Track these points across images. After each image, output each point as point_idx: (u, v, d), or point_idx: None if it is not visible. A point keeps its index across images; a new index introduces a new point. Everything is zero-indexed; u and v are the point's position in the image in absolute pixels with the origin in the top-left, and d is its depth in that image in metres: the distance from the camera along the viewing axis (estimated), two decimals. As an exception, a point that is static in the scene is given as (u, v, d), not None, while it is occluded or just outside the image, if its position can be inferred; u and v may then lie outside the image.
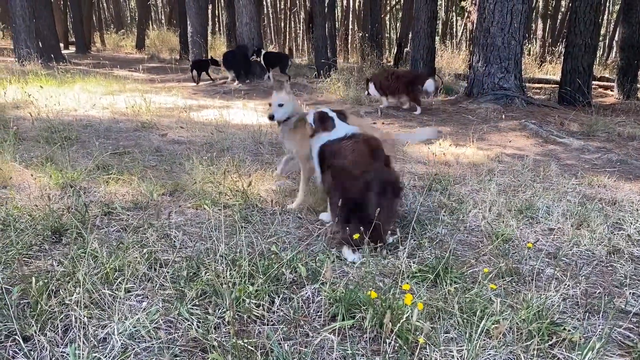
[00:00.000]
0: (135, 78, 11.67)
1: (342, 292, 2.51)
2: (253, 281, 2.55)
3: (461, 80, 13.93)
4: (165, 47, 23.65)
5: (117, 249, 2.84)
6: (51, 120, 6.18)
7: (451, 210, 3.92)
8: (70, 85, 9.60)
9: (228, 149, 5.64)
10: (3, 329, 2.11)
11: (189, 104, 8.84)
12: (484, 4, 8.94)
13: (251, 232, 3.27)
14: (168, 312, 2.33)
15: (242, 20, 12.63)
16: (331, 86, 11.10)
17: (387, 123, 7.81)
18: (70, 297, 2.32)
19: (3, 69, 11.90)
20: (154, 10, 40.99)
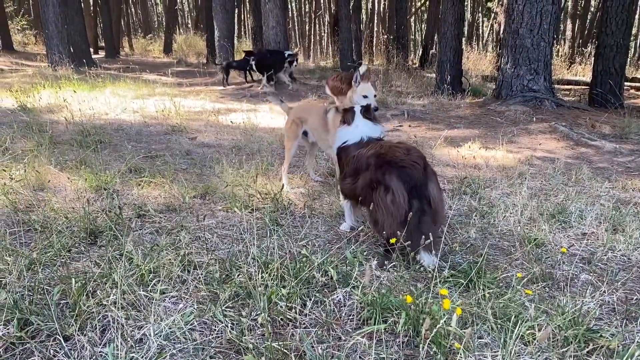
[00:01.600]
0: (164, 82, 11.84)
1: (374, 296, 2.51)
2: (284, 284, 2.57)
3: (488, 82, 13.78)
4: (192, 51, 23.96)
5: (152, 251, 2.89)
6: (84, 124, 6.32)
7: (482, 214, 3.89)
8: (101, 90, 9.80)
9: (256, 152, 5.68)
10: (44, 329, 2.17)
11: (217, 107, 8.94)
12: (512, 5, 8.83)
13: (281, 235, 3.29)
14: (202, 313, 2.36)
15: (269, 24, 12.71)
16: (357, 89, 11.09)
17: (413, 125, 7.77)
18: (107, 298, 2.37)
19: (37, 74, 12.22)
20: (181, 15, 41.58)
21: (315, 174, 4.86)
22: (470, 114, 8.78)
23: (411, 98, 10.23)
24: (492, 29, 30.12)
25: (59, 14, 14.68)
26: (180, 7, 39.95)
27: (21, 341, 2.12)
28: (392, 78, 12.50)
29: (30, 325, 2.19)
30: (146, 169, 4.68)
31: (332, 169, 5.00)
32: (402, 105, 9.43)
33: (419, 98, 10.34)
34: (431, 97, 10.36)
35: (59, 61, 13.98)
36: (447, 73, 10.72)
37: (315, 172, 4.91)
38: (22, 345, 2.10)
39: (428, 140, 6.55)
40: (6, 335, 2.11)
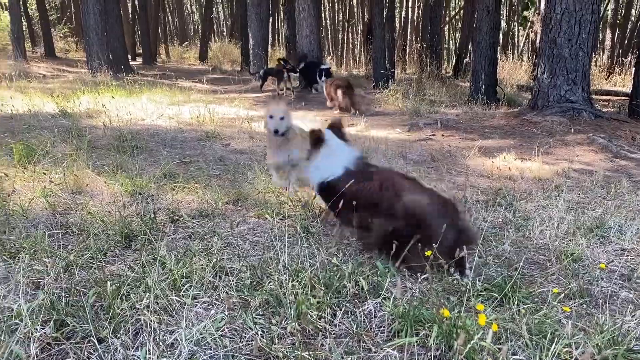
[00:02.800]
0: (199, 89, 12.05)
1: (405, 308, 2.48)
2: (314, 293, 2.56)
3: (524, 91, 13.54)
4: (226, 59, 24.31)
5: (184, 256, 2.92)
6: (121, 129, 6.47)
7: (517, 227, 3.81)
8: (138, 96, 10.02)
9: (288, 160, 5.69)
10: (80, 330, 2.21)
11: (250, 114, 9.03)
12: (550, 14, 8.67)
13: (312, 243, 3.29)
14: (233, 320, 2.37)
15: (303, 32, 12.81)
16: (389, 97, 11.06)
17: (447, 135, 7.69)
18: (141, 301, 2.41)
19: (77, 80, 12.59)
20: (216, 24, 42.30)
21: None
22: (505, 124, 8.64)
23: (444, 107, 10.13)
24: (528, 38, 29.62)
25: (100, 22, 15.11)
26: (215, 16, 40.63)
27: (57, 342, 2.17)
28: (425, 87, 12.41)
29: (66, 326, 2.24)
30: (180, 175, 4.75)
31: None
32: (435, 114, 9.35)
33: (453, 107, 10.24)
34: (465, 106, 10.24)
35: (98, 67, 14.36)
36: (482, 82, 10.58)
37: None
38: (58, 346, 2.15)
39: (461, 150, 6.47)
40: (43, 336, 2.16)
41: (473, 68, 11.21)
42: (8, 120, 6.97)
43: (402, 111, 9.90)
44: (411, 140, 7.10)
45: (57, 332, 2.18)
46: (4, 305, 2.33)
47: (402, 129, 8.18)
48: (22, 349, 2.00)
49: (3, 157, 4.97)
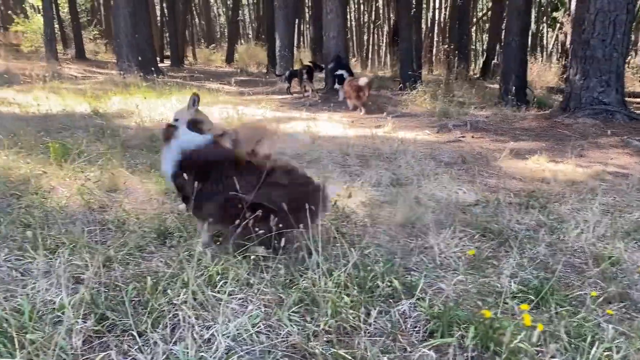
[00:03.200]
0: (227, 91, 12.16)
1: (440, 308, 2.46)
2: (348, 292, 2.56)
3: (554, 93, 13.32)
4: (253, 61, 24.48)
5: (219, 253, 2.96)
6: (152, 129, 6.57)
7: (551, 230, 3.75)
8: (167, 97, 10.16)
9: (316, 160, 5.71)
10: (120, 324, 2.25)
11: (277, 115, 9.08)
12: (583, 15, 8.51)
13: (344, 243, 3.29)
14: (268, 317, 2.39)
15: (329, 34, 12.81)
16: (417, 98, 11.00)
17: (477, 136, 7.61)
18: (178, 297, 2.44)
19: (108, 81, 12.84)
20: (242, 26, 42.67)
21: None
22: (536, 126, 8.51)
23: (474, 109, 10.03)
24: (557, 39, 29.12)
25: (129, 24, 15.37)
26: (242, 19, 41.01)
27: (98, 335, 2.21)
28: (453, 88, 12.30)
29: (106, 320, 2.29)
30: (211, 174, 4.79)
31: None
32: (465, 116, 9.26)
33: (482, 109, 10.13)
34: (494, 108, 10.12)
35: (127, 69, 14.60)
36: (512, 84, 10.44)
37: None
38: (99, 338, 2.20)
39: (492, 152, 6.40)
40: (84, 329, 2.21)
41: (502, 70, 11.08)
42: (43, 120, 7.14)
43: (430, 112, 9.83)
44: (440, 141, 7.04)
45: (99, 325, 2.22)
46: (47, 299, 2.39)
47: (430, 130, 8.13)
48: (66, 341, 2.05)
49: (40, 155, 5.09)
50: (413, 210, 3.94)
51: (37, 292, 2.45)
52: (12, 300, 2.43)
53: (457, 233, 3.58)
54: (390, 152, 6.08)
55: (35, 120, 6.97)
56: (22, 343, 1.94)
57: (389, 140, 6.83)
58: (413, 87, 11.80)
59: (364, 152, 6.22)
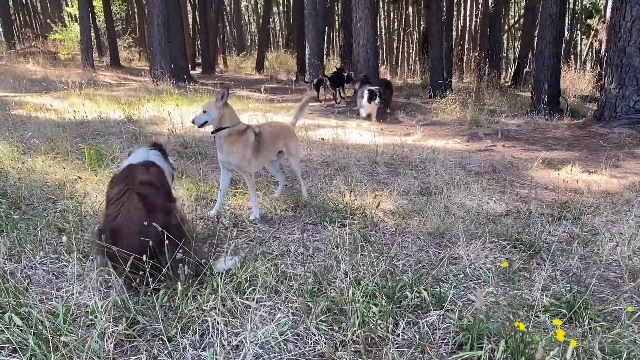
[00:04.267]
0: (256, 98, 12.28)
1: (470, 321, 2.43)
2: (376, 301, 2.55)
3: (587, 102, 13.04)
4: (282, 68, 24.67)
5: (247, 260, 2.98)
6: (184, 136, 6.67)
7: (584, 242, 3.66)
8: (198, 104, 10.30)
9: (344, 168, 5.71)
10: (150, 329, 2.29)
11: (306, 123, 9.11)
12: (619, 23, 8.32)
13: (372, 252, 3.28)
14: (296, 325, 2.39)
15: (359, 41, 12.81)
16: (447, 106, 10.91)
17: (508, 145, 7.49)
18: (207, 303, 2.47)
19: (141, 88, 13.10)
20: (272, 34, 43.06)
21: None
22: (569, 136, 8.33)
23: (505, 117, 9.89)
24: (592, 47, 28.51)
25: (163, 32, 15.66)
26: (272, 27, 41.39)
27: (129, 339, 2.25)
28: (484, 96, 12.15)
29: (137, 324, 2.33)
30: (240, 181, 4.84)
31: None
32: (496, 125, 9.13)
33: (513, 117, 9.97)
34: (526, 116, 9.96)
35: (160, 76, 14.86)
36: (544, 92, 10.25)
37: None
38: (130, 342, 2.24)
39: (524, 162, 6.29)
40: (115, 332, 2.25)
41: (535, 78, 10.90)
42: (79, 126, 7.32)
43: (460, 121, 9.73)
44: (471, 150, 6.96)
45: (130, 329, 2.26)
46: (80, 302, 2.44)
47: (460, 138, 8.04)
48: (98, 345, 2.09)
49: (75, 160, 5.22)
50: (442, 219, 3.90)
51: (71, 295, 2.51)
52: (47, 302, 2.49)
53: (488, 244, 3.53)
54: (419, 161, 6.03)
55: (72, 127, 7.16)
56: (57, 345, 1.99)
57: (418, 149, 6.78)
58: (443, 95, 11.70)
59: (392, 160, 6.19)
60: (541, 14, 11.06)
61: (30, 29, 32.06)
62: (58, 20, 26.52)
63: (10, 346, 2.03)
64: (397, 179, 5.21)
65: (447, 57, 14.44)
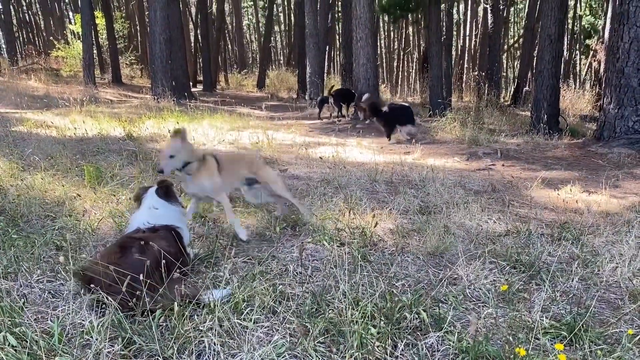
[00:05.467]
0: (257, 115, 12.35)
1: (469, 343, 2.40)
2: (374, 323, 2.53)
3: (587, 122, 13.10)
4: (283, 86, 24.85)
5: (245, 280, 2.96)
6: (183, 153, 6.68)
7: (585, 263, 3.63)
8: (199, 121, 10.36)
9: (344, 186, 5.71)
10: (146, 349, 2.26)
11: (307, 140, 9.14)
12: (617, 43, 8.39)
13: (371, 272, 3.26)
14: (293, 346, 2.37)
15: (359, 61, 12.94)
16: (446, 125, 10.94)
17: (507, 165, 7.50)
18: (204, 323, 2.44)
19: (142, 105, 13.17)
20: (274, 52, 43.43)
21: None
22: (568, 155, 8.35)
23: (504, 136, 9.91)
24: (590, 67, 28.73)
25: (165, 50, 15.80)
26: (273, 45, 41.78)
27: (124, 359, 2.23)
28: (483, 115, 12.21)
29: (133, 344, 2.30)
30: (240, 199, 4.83)
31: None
32: (495, 144, 9.16)
33: (513, 137, 10.00)
34: (526, 136, 9.99)
35: (161, 94, 14.95)
36: (544, 112, 10.30)
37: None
38: (126, 363, 2.21)
39: (523, 181, 6.29)
40: (111, 353, 2.22)
41: (534, 97, 10.96)
42: (79, 143, 7.34)
43: (460, 140, 9.75)
44: (470, 169, 6.96)
45: (126, 350, 2.24)
46: (76, 321, 2.42)
47: (460, 157, 8.05)
48: (92, 365, 2.07)
49: (75, 177, 5.22)
50: (442, 239, 3.89)
51: (67, 315, 2.49)
52: (42, 321, 2.47)
53: (487, 264, 3.51)
54: (419, 179, 6.03)
55: (72, 144, 7.17)
56: (51, 366, 1.97)
57: (417, 167, 6.78)
58: (443, 114, 11.76)
59: (392, 179, 6.19)
60: (540, 35, 11.15)
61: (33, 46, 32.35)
62: (61, 38, 26.82)
63: (4, 367, 2.01)
64: (396, 198, 5.20)
65: (447, 77, 14.56)
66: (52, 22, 36.02)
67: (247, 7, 46.46)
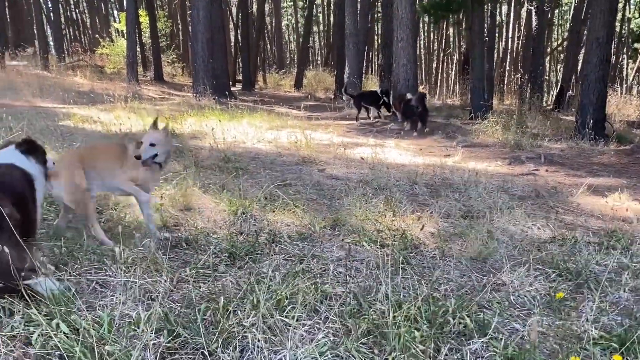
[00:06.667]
0: (295, 115, 12.38)
1: (515, 350, 2.35)
2: (417, 326, 2.49)
3: (634, 128, 12.66)
4: (320, 86, 24.90)
5: (287, 277, 2.97)
6: (224, 151, 6.77)
7: (635, 274, 3.50)
8: (239, 120, 10.47)
9: (383, 188, 5.67)
10: (191, 342, 2.29)
11: (344, 141, 9.14)
12: (670, 46, 8.09)
13: (412, 275, 3.22)
14: (336, 346, 2.36)
15: (400, 61, 12.84)
16: (488, 128, 10.75)
17: (551, 170, 7.32)
18: (247, 319, 2.46)
19: (183, 103, 13.41)
20: (312, 53, 43.57)
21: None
22: (616, 162, 8.09)
23: (548, 141, 9.68)
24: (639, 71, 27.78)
25: (207, 50, 16.04)
26: (312, 45, 41.91)
27: (170, 351, 2.26)
28: (526, 119, 11.95)
29: (177, 337, 2.34)
30: (280, 197, 4.86)
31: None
32: (538, 149, 8.95)
33: (556, 141, 9.75)
34: (570, 141, 9.73)
35: (202, 92, 15.18)
36: (590, 117, 10.00)
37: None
38: (171, 355, 2.24)
39: (568, 187, 6.12)
40: (156, 345, 2.26)
41: (580, 101, 10.66)
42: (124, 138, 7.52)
43: (501, 143, 9.57)
44: (513, 174, 6.82)
45: (171, 342, 2.27)
46: (124, 312, 2.47)
47: (502, 161, 7.90)
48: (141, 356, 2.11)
49: (120, 172, 5.34)
50: (485, 244, 3.81)
51: (115, 305, 2.54)
52: (91, 311, 2.53)
53: (532, 271, 3.42)
54: (460, 183, 5.94)
55: (117, 139, 7.35)
56: (102, 354, 2.01)
57: (458, 171, 6.68)
58: (484, 117, 11.55)
59: (432, 182, 6.12)
60: (587, 37, 10.85)
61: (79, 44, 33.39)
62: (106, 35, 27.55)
63: (57, 352, 2.06)
64: (437, 201, 5.13)
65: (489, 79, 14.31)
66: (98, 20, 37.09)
67: (287, 7, 46.78)
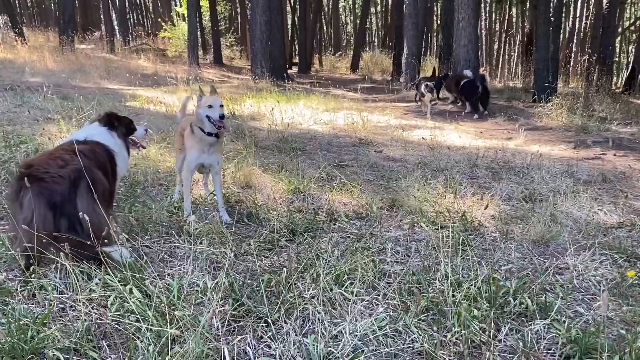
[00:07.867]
0: (351, 97, 12.35)
1: (578, 333, 2.30)
2: (477, 305, 2.49)
3: None
4: (377, 68, 24.65)
5: (345, 254, 3.02)
6: (282, 132, 6.87)
7: None
8: (295, 102, 10.56)
9: (442, 170, 5.61)
10: (255, 311, 2.39)
11: (402, 123, 9.06)
12: None
13: (472, 256, 3.20)
14: (394, 321, 2.39)
15: (460, 42, 12.53)
16: (552, 111, 10.35)
17: (619, 155, 6.99)
18: (308, 291, 2.53)
19: (242, 86, 13.64)
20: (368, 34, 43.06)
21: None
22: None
23: (616, 125, 9.23)
24: None
25: (265, 32, 16.18)
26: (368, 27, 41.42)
27: (234, 319, 2.37)
28: (593, 102, 11.42)
29: (241, 306, 2.44)
30: (336, 177, 4.90)
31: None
32: (606, 132, 8.55)
33: (626, 125, 9.27)
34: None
35: (260, 74, 15.37)
36: (664, 99, 9.45)
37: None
38: (236, 322, 2.35)
39: (637, 172, 5.84)
40: (222, 312, 2.37)
41: (654, 83, 10.07)
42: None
43: (566, 127, 9.20)
44: (578, 158, 6.55)
45: (236, 310, 2.37)
46: (191, 281, 2.60)
47: (567, 145, 7.61)
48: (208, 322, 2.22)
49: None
50: (548, 228, 3.72)
51: (184, 274, 2.68)
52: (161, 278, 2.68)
53: (597, 256, 3.32)
54: (522, 166, 5.79)
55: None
56: (172, 319, 2.13)
57: (520, 154, 6.50)
58: (548, 100, 11.11)
59: (493, 164, 5.99)
60: (664, 14, 10.18)
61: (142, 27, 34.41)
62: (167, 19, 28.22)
63: (132, 316, 2.20)
64: (499, 184, 5.03)
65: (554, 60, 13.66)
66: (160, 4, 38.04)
67: (344, -11, 46.37)
